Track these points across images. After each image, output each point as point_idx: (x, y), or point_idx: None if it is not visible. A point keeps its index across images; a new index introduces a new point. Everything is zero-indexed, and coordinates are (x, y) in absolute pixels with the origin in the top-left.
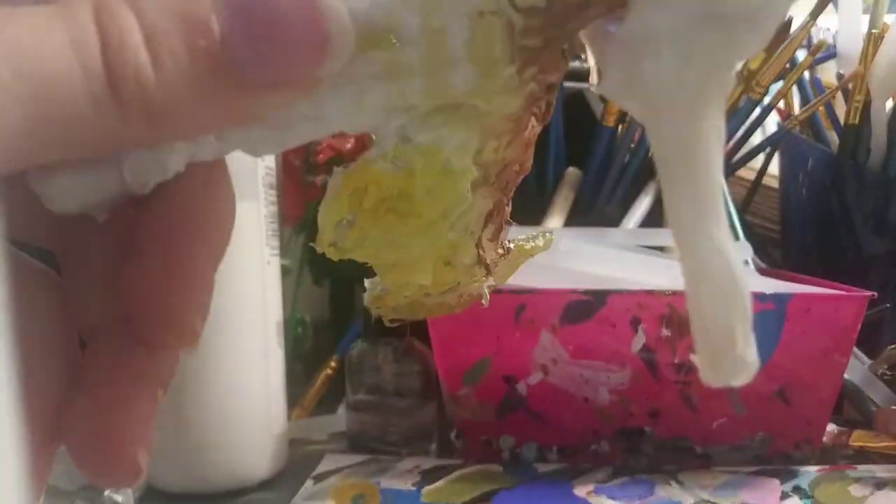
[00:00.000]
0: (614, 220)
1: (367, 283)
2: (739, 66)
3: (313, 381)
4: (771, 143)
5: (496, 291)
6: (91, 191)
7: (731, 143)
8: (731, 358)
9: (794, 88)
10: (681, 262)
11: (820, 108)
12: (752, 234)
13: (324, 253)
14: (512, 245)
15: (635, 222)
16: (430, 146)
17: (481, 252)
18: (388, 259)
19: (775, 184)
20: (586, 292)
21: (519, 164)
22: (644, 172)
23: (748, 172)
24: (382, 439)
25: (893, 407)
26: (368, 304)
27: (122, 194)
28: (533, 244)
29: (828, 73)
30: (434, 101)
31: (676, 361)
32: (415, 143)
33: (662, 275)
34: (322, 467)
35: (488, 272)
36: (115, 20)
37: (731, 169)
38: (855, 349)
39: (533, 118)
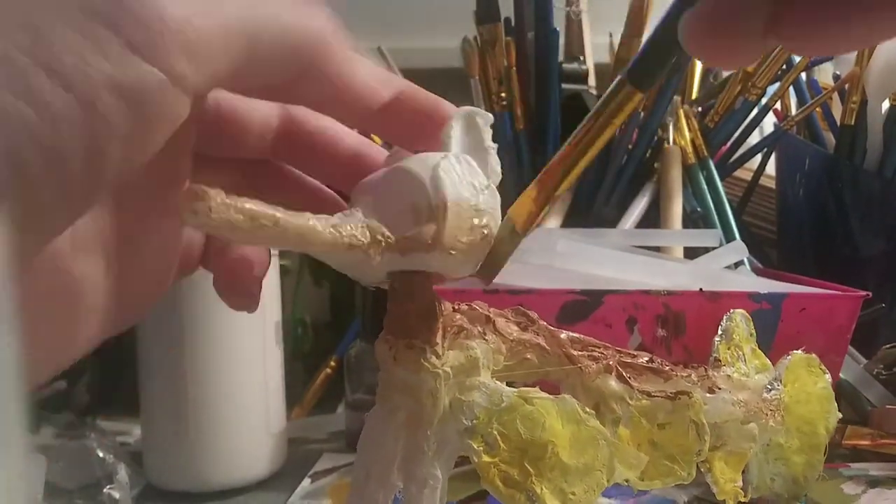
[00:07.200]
0: (611, 221)
1: None
2: None
3: (313, 381)
4: (768, 143)
5: (492, 292)
6: None
7: (729, 143)
8: None
9: (791, 89)
10: None
11: (816, 109)
12: (748, 233)
13: None
14: None
15: (632, 223)
16: None
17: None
18: None
19: (772, 184)
20: (583, 292)
21: None
22: (641, 174)
23: (745, 173)
24: None
25: (889, 406)
26: None
27: None
28: None
29: (824, 75)
30: None
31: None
32: None
33: (658, 275)
34: (319, 466)
35: None
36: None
37: (728, 169)
38: (850, 349)
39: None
